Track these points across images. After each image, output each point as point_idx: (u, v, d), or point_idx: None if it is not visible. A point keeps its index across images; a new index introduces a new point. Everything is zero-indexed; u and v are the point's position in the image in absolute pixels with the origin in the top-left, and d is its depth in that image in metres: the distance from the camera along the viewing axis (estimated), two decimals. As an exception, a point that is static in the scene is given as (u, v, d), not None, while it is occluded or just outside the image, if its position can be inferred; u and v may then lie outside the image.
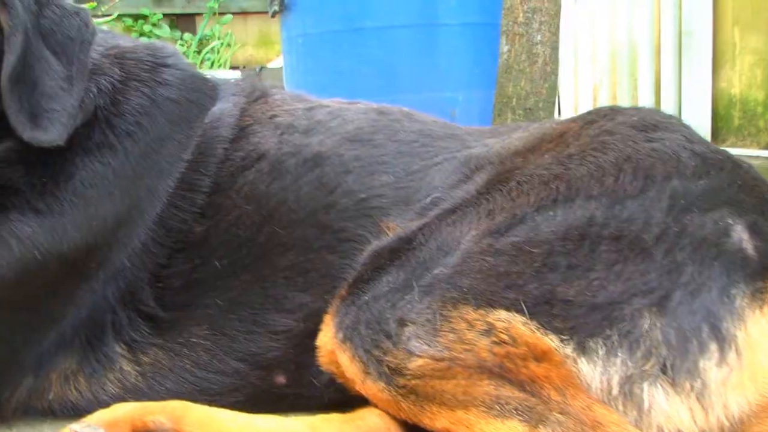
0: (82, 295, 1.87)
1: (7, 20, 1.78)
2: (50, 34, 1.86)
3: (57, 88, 1.82)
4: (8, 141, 1.80)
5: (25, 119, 1.77)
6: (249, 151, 2.01)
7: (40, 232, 1.78)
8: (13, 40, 1.77)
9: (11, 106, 1.76)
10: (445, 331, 1.56)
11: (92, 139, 1.87)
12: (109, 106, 1.91)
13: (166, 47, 2.14)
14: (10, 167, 1.80)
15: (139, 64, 2.02)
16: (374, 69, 4.11)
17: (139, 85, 1.99)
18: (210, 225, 1.94)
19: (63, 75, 1.84)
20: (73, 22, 1.91)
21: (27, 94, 1.78)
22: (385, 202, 1.94)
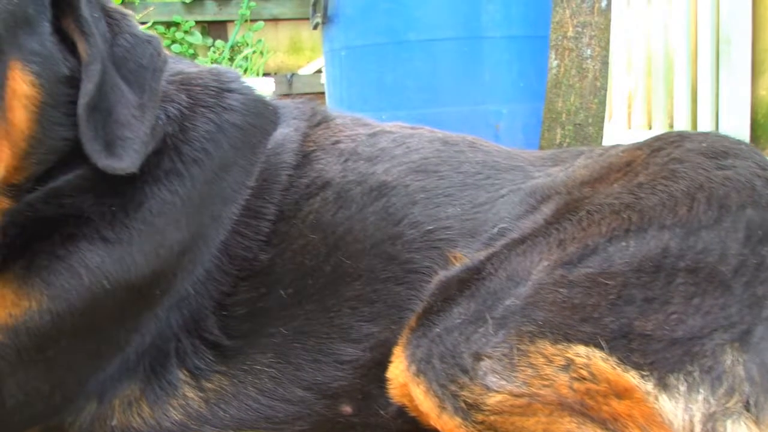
0: (146, 323, 1.87)
1: (86, 49, 1.78)
2: (123, 62, 1.86)
3: (130, 116, 1.82)
4: (78, 169, 1.80)
5: (100, 147, 1.77)
6: (313, 178, 2.01)
7: (109, 261, 1.78)
8: (91, 68, 1.77)
9: (87, 134, 1.76)
10: (523, 366, 1.54)
11: (161, 167, 1.87)
12: (177, 133, 1.91)
13: (229, 72, 2.14)
14: (80, 196, 1.80)
15: (205, 90, 2.02)
16: (418, 82, 4.10)
17: (206, 111, 1.98)
18: (275, 253, 1.93)
19: (135, 103, 1.84)
20: (146, 50, 1.90)
21: (102, 122, 1.79)
22: (452, 234, 1.93)
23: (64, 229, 1.78)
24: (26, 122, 1.72)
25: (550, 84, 3.68)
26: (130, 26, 1.93)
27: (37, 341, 1.75)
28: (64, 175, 1.80)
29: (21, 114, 1.71)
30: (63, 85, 1.78)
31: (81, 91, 1.77)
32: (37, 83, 1.73)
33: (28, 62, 1.72)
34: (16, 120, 1.70)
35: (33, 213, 1.76)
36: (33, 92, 1.73)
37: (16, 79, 1.70)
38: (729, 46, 6.13)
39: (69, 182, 1.80)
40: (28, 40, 1.73)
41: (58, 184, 1.79)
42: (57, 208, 1.79)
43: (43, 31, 1.77)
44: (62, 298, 1.75)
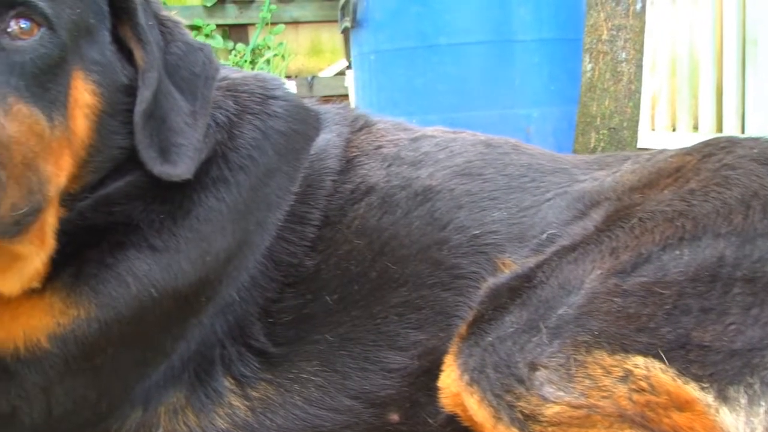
0: (191, 329, 1.86)
1: (143, 56, 1.78)
2: (176, 70, 1.85)
3: (183, 123, 1.81)
4: (128, 176, 1.79)
5: (155, 154, 1.77)
6: (357, 183, 1.99)
7: (157, 269, 1.77)
8: (148, 75, 1.77)
9: (143, 141, 1.76)
10: (580, 377, 1.52)
11: (209, 174, 1.86)
12: (226, 141, 1.90)
13: (274, 78, 2.13)
14: (129, 203, 1.79)
15: (251, 97, 2.01)
16: (448, 86, 4.08)
17: (252, 118, 1.97)
18: (320, 259, 1.91)
19: (188, 110, 1.83)
20: (198, 58, 1.90)
21: (157, 130, 1.78)
22: (499, 238, 1.90)
23: (112, 236, 1.77)
24: (86, 131, 1.72)
25: (584, 88, 3.65)
26: (183, 34, 1.92)
27: (85, 350, 1.74)
28: (114, 182, 1.79)
29: (82, 123, 1.70)
30: (121, 93, 1.78)
31: (138, 99, 1.77)
32: (97, 92, 1.73)
33: (90, 71, 1.72)
34: (77, 129, 1.69)
35: (83, 221, 1.75)
36: (94, 101, 1.72)
37: (79, 88, 1.69)
38: (755, 47, 6.06)
39: (119, 190, 1.79)
40: (89, 49, 1.73)
41: (108, 191, 1.78)
42: (106, 215, 1.78)
43: (102, 40, 1.77)
44: (110, 306, 1.74)
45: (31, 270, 1.69)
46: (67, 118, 1.66)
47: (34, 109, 1.59)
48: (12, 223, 1.53)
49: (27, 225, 1.58)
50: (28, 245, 1.65)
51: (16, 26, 1.59)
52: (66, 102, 1.66)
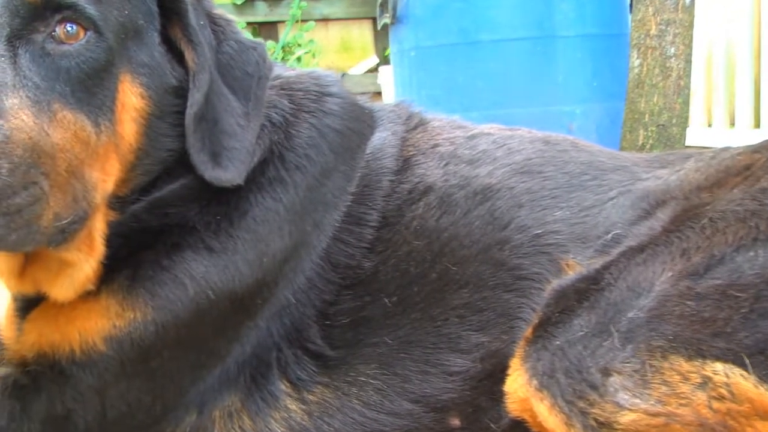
0: (247, 332, 1.82)
1: (193, 58, 1.74)
2: (228, 70, 1.82)
3: (235, 125, 1.78)
4: (183, 178, 1.76)
5: (206, 158, 1.73)
6: (415, 183, 1.95)
7: (214, 271, 1.73)
8: (199, 77, 1.73)
9: (194, 144, 1.72)
10: (657, 383, 1.46)
11: (265, 175, 1.82)
12: (282, 140, 1.86)
13: (328, 75, 2.08)
14: (185, 205, 1.76)
15: (307, 95, 1.97)
16: (490, 83, 4.02)
17: (308, 116, 1.93)
18: (379, 261, 1.87)
19: (240, 112, 1.80)
20: (251, 57, 1.86)
21: (208, 132, 1.75)
22: (561, 238, 1.85)
23: (168, 238, 1.74)
24: (134, 135, 1.68)
25: (631, 84, 3.58)
26: (235, 32, 1.88)
27: (141, 352, 1.71)
28: (169, 184, 1.76)
29: (130, 127, 1.67)
30: (170, 95, 1.74)
31: (189, 101, 1.73)
32: (146, 95, 1.69)
33: (138, 74, 1.68)
34: (125, 133, 1.66)
35: (137, 223, 1.72)
36: (142, 104, 1.69)
37: (126, 91, 1.66)
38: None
39: (173, 192, 1.76)
40: (137, 51, 1.69)
41: (163, 194, 1.75)
42: (161, 218, 1.74)
43: (151, 42, 1.73)
44: (167, 309, 1.70)
45: (82, 276, 1.67)
46: (114, 123, 1.63)
47: (80, 115, 1.56)
48: (56, 232, 1.51)
49: (72, 233, 1.56)
50: (76, 252, 1.63)
51: (61, 30, 1.56)
52: (113, 106, 1.62)
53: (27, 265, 1.70)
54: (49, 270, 1.68)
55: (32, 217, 1.43)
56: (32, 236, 1.45)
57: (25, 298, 1.81)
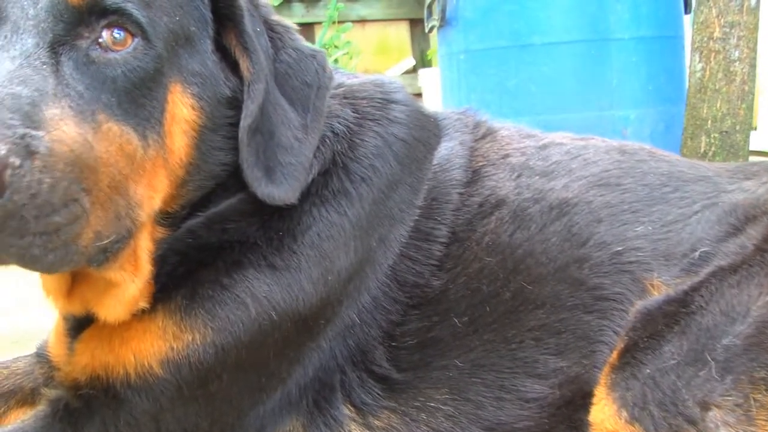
0: (309, 354, 1.73)
1: (249, 67, 1.64)
2: (285, 80, 1.72)
3: (292, 138, 1.68)
4: (241, 192, 1.67)
5: (260, 173, 1.63)
6: (486, 196, 1.84)
7: (277, 290, 1.64)
8: (255, 88, 1.63)
9: (248, 159, 1.62)
10: (763, 420, 1.36)
11: (329, 187, 1.72)
12: (346, 151, 1.77)
13: (392, 82, 1.98)
14: (245, 220, 1.67)
15: (371, 103, 1.87)
16: (542, 86, 3.91)
17: (373, 125, 1.83)
18: (448, 279, 1.77)
19: (298, 124, 1.70)
20: (310, 66, 1.76)
21: (263, 146, 1.65)
22: (644, 256, 1.74)
23: (228, 256, 1.64)
24: (185, 149, 1.58)
25: (693, 89, 3.45)
26: (294, 40, 1.78)
27: (199, 376, 1.62)
28: (226, 199, 1.66)
29: (180, 140, 1.57)
30: (224, 106, 1.64)
31: (243, 113, 1.63)
32: (197, 106, 1.59)
33: (189, 84, 1.58)
34: (174, 147, 1.56)
35: (194, 240, 1.63)
36: (193, 116, 1.59)
37: (176, 102, 1.56)
38: None
39: (232, 207, 1.66)
40: (188, 59, 1.59)
41: (221, 209, 1.66)
42: (220, 233, 1.65)
43: (204, 49, 1.63)
44: (227, 330, 1.61)
45: (128, 296, 1.57)
46: (162, 136, 1.52)
47: (126, 128, 1.46)
48: (97, 252, 1.41)
49: (115, 252, 1.47)
50: (120, 272, 1.53)
51: (108, 37, 1.47)
52: (162, 118, 1.52)
53: (75, 284, 1.61)
54: (97, 290, 1.59)
55: (71, 237, 1.33)
56: (70, 257, 1.35)
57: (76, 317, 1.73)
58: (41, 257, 1.30)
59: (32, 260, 1.30)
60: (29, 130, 1.27)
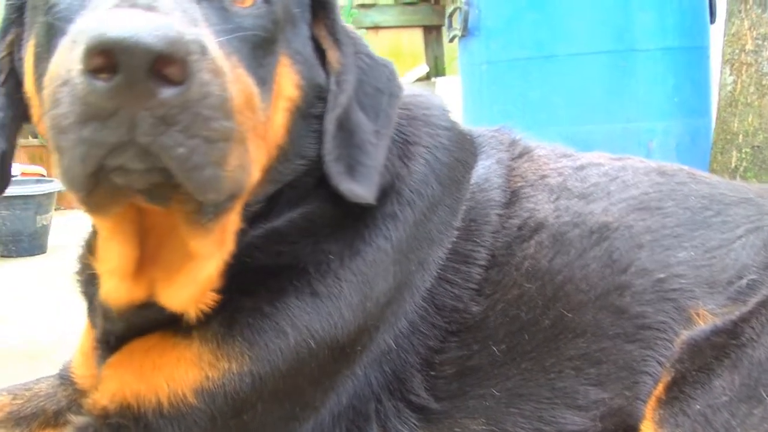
0: (343, 381, 1.67)
1: (338, 58, 1.63)
2: (360, 85, 1.68)
3: (367, 141, 1.64)
4: (303, 206, 1.63)
5: (343, 168, 1.60)
6: (525, 218, 1.79)
7: (317, 318, 1.58)
8: (344, 79, 1.62)
9: (332, 151, 1.59)
10: (822, 462, 1.30)
11: (382, 210, 1.68)
12: (400, 174, 1.73)
13: (433, 98, 1.93)
14: (299, 241, 1.62)
15: (414, 122, 1.82)
16: (566, 98, 3.85)
17: (424, 151, 1.79)
18: (488, 304, 1.71)
19: (371, 129, 1.66)
20: (382, 73, 1.73)
21: (345, 142, 1.62)
22: (686, 283, 1.68)
23: (274, 283, 1.58)
24: (281, 128, 1.55)
25: (723, 102, 3.38)
26: (366, 46, 1.76)
27: (234, 405, 1.56)
28: (288, 212, 1.62)
29: (280, 116, 1.54)
30: (314, 95, 1.62)
31: (329, 104, 1.61)
32: (300, 85, 1.57)
33: (294, 60, 1.56)
34: (275, 122, 1.52)
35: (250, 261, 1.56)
36: (295, 95, 1.56)
37: (284, 75, 1.53)
38: None
39: (292, 223, 1.62)
40: (293, 38, 1.57)
41: (281, 224, 1.61)
42: (274, 257, 1.59)
43: (303, 33, 1.62)
44: (265, 359, 1.55)
45: (204, 275, 1.47)
46: (269, 105, 1.48)
47: (251, 80, 1.41)
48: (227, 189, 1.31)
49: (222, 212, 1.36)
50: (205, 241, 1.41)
51: None
52: (272, 86, 1.49)
53: (144, 263, 1.50)
54: (170, 267, 1.48)
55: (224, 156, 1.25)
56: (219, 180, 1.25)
57: (112, 329, 1.65)
58: (200, 167, 1.20)
59: (192, 168, 1.20)
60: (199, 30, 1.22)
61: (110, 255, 1.49)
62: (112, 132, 1.14)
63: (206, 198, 1.27)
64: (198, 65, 1.16)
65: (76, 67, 1.13)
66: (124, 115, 1.12)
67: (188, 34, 1.15)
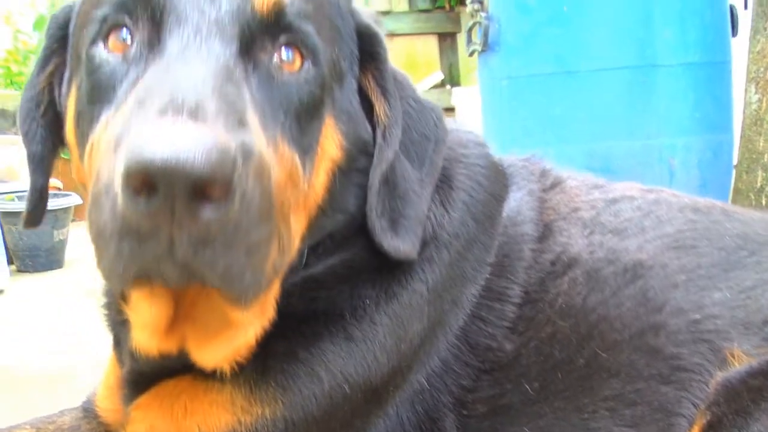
0: (376, 421, 1.66)
1: (386, 111, 1.59)
2: (404, 131, 1.64)
3: (410, 191, 1.62)
4: (342, 252, 1.61)
5: (386, 224, 1.57)
6: (558, 253, 1.77)
7: (351, 362, 1.57)
8: (392, 132, 1.58)
9: (376, 207, 1.56)
10: None
11: (419, 254, 1.64)
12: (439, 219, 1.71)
13: (468, 134, 1.91)
14: (336, 287, 1.60)
15: (453, 164, 1.79)
16: (587, 114, 3.81)
17: (463, 195, 1.77)
18: (521, 342, 1.69)
19: (415, 177, 1.64)
20: (429, 119, 1.70)
21: (389, 196, 1.59)
22: (722, 324, 1.66)
23: (309, 328, 1.57)
24: (322, 189, 1.52)
25: (748, 121, 3.34)
26: (413, 90, 1.72)
27: None
28: (327, 259, 1.59)
29: (321, 179, 1.51)
30: (358, 150, 1.59)
31: (376, 159, 1.57)
32: (343, 146, 1.54)
33: (339, 120, 1.52)
34: (317, 185, 1.49)
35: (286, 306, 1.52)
36: (338, 156, 1.53)
37: (328, 137, 1.50)
38: None
39: (331, 269, 1.59)
40: (339, 95, 1.53)
41: (318, 271, 1.59)
42: (309, 302, 1.58)
43: (350, 87, 1.57)
44: (299, 405, 1.54)
45: (242, 341, 1.47)
46: (312, 170, 1.46)
47: (294, 154, 1.38)
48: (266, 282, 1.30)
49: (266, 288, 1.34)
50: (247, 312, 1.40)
51: (279, 54, 1.40)
52: (315, 151, 1.46)
53: (178, 318, 1.47)
54: (206, 328, 1.46)
55: (265, 257, 1.23)
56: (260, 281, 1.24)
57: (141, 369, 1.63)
58: (241, 277, 1.18)
59: (232, 280, 1.18)
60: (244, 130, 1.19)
61: (143, 311, 1.47)
62: (150, 249, 1.11)
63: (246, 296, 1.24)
64: (241, 179, 1.12)
65: (117, 180, 1.10)
66: (163, 235, 1.10)
67: (233, 147, 1.10)
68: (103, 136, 1.29)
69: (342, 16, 1.58)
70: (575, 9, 3.81)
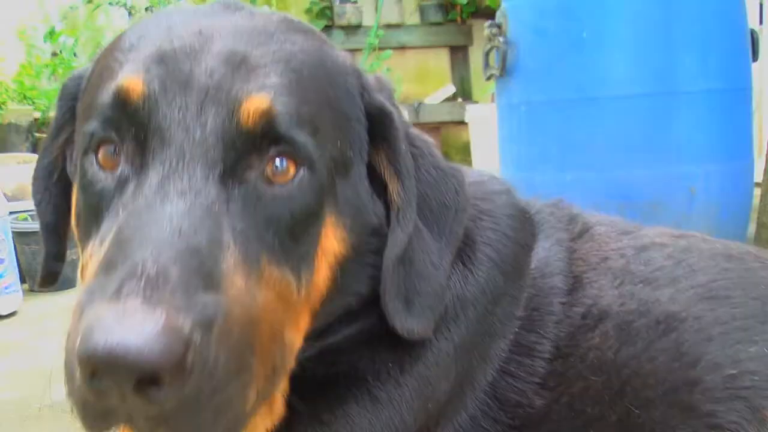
0: None
1: (399, 191, 1.52)
2: (424, 200, 1.58)
3: (428, 264, 1.55)
4: (361, 322, 1.56)
5: (401, 305, 1.51)
6: (588, 306, 1.72)
7: (378, 425, 1.52)
8: (405, 214, 1.51)
9: (390, 290, 1.50)
10: None
11: (444, 316, 1.60)
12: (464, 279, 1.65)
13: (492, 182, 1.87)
14: (356, 352, 1.55)
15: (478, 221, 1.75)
16: (607, 141, 3.80)
17: (488, 249, 1.71)
18: (552, 398, 1.65)
19: (435, 248, 1.58)
20: (450, 186, 1.62)
21: (404, 274, 1.53)
22: (758, 380, 1.62)
23: (331, 390, 1.53)
24: (325, 282, 1.46)
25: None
26: (434, 156, 1.65)
27: None
28: (344, 329, 1.55)
29: (324, 274, 1.45)
30: (367, 235, 1.53)
31: (389, 242, 1.51)
32: (346, 239, 1.47)
33: (342, 215, 1.46)
34: (319, 281, 1.44)
35: (301, 373, 1.49)
36: (340, 249, 1.47)
37: (329, 236, 1.44)
38: None
39: (348, 338, 1.55)
40: (343, 188, 1.46)
41: (336, 340, 1.55)
42: (328, 366, 1.54)
43: (357, 175, 1.50)
44: None
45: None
46: (312, 273, 1.41)
47: (285, 270, 1.33)
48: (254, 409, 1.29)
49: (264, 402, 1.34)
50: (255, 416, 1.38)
51: (269, 167, 1.34)
52: (315, 254, 1.41)
53: None
54: None
55: (241, 406, 1.22)
56: (238, 424, 1.23)
57: None
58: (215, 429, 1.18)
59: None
60: (210, 294, 1.15)
61: None
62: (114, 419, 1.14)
63: None
64: (199, 353, 1.10)
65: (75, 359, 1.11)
66: (120, 412, 1.11)
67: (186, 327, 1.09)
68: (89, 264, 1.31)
69: (350, 99, 1.50)
70: (595, 35, 3.79)
